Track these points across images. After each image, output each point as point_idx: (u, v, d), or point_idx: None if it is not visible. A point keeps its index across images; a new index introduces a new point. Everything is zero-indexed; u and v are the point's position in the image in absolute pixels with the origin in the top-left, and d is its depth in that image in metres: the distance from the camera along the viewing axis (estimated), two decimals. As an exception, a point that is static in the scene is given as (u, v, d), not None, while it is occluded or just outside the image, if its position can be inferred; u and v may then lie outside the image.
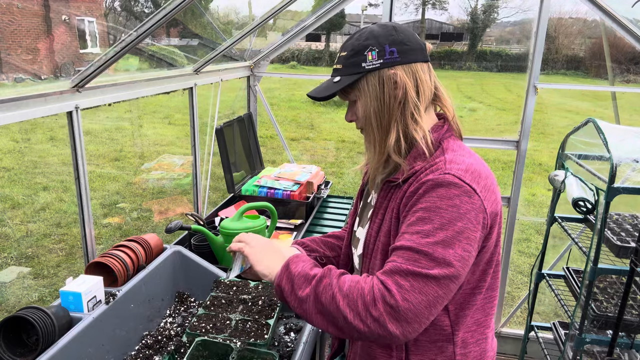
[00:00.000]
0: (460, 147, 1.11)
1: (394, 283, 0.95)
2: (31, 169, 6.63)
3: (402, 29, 1.09)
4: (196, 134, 2.59)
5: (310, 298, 1.01)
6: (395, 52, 1.06)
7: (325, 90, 1.12)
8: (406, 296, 0.93)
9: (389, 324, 0.93)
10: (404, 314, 0.92)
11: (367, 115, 1.10)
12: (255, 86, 3.18)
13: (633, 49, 2.49)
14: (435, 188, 0.99)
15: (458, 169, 1.01)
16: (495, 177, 1.10)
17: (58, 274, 4.04)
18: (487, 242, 1.05)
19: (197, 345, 1.23)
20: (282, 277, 1.07)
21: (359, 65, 1.08)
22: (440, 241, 0.95)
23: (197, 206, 2.73)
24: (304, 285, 1.03)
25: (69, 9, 10.07)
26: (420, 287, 0.94)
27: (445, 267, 0.94)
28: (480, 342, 1.13)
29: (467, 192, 0.98)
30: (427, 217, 0.98)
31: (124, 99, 1.95)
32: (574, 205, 2.13)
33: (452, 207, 0.97)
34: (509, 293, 3.82)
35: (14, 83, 6.92)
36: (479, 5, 26.83)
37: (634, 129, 2.12)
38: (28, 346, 1.23)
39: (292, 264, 1.08)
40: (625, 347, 2.10)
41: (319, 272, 1.04)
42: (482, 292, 1.10)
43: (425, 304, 0.93)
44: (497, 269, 1.13)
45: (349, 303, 0.96)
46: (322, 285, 1.01)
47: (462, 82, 18.75)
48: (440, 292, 0.95)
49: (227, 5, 3.60)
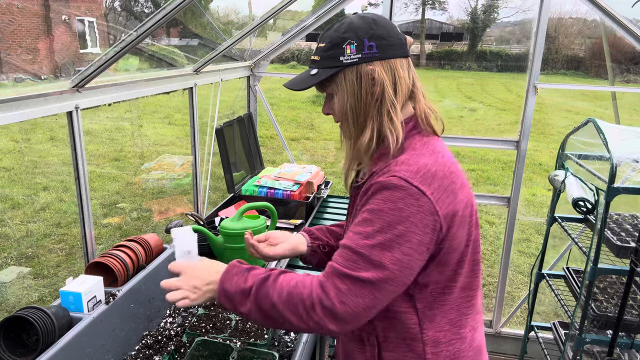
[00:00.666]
0: (424, 145, 1.07)
1: (332, 286, 0.98)
2: (31, 169, 6.63)
3: (382, 22, 1.07)
4: (196, 134, 2.59)
5: (253, 311, 1.04)
6: (374, 47, 1.04)
7: (302, 83, 1.10)
8: (343, 299, 0.96)
9: (329, 325, 0.98)
10: (342, 316, 0.97)
11: (343, 111, 1.09)
12: (255, 86, 3.18)
13: (633, 49, 2.49)
14: (380, 190, 0.99)
15: (407, 171, 0.99)
16: (462, 176, 1.07)
17: (58, 274, 4.04)
18: (447, 243, 1.02)
19: (197, 345, 1.23)
20: (220, 297, 1.09)
21: (337, 59, 1.05)
22: (378, 244, 0.97)
23: (197, 206, 2.73)
24: (243, 300, 1.06)
25: (69, 9, 10.08)
26: (356, 290, 0.96)
27: (380, 270, 0.96)
28: (454, 342, 1.11)
29: (413, 194, 0.97)
30: (369, 219, 0.99)
31: (124, 99, 1.95)
32: (574, 205, 2.13)
33: (394, 210, 0.97)
34: (509, 293, 3.82)
35: (14, 83, 6.93)
36: (479, 5, 26.83)
37: (634, 129, 2.12)
38: (28, 346, 1.23)
39: (226, 284, 1.09)
40: (625, 347, 2.10)
41: (254, 283, 1.06)
42: (454, 292, 1.09)
43: (363, 306, 0.97)
44: (474, 268, 1.11)
45: (290, 309, 1.00)
46: (261, 297, 1.04)
47: (462, 82, 18.74)
48: (377, 295, 0.97)
49: (227, 5, 3.61)
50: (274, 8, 2.61)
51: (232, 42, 2.69)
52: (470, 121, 11.60)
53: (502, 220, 5.44)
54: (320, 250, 1.38)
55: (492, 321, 3.05)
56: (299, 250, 1.38)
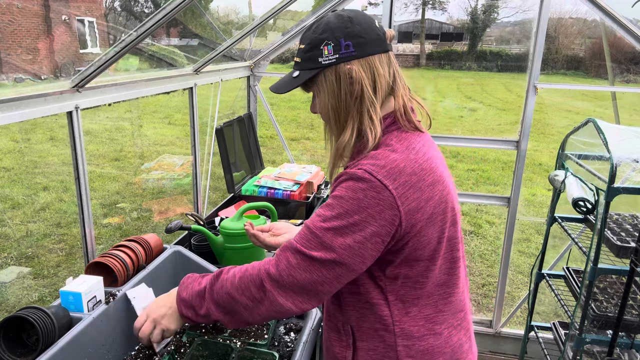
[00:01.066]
0: (400, 141, 1.07)
1: (284, 259, 1.04)
2: (31, 169, 6.63)
3: (358, 19, 1.06)
4: (196, 134, 2.59)
5: (212, 308, 1.09)
6: (350, 46, 1.04)
7: (285, 85, 1.12)
8: (291, 272, 1.02)
9: (278, 297, 1.03)
10: (289, 286, 1.02)
11: (325, 111, 1.11)
12: (255, 86, 3.18)
13: (633, 49, 2.49)
14: (346, 180, 1.02)
15: (373, 165, 1.01)
16: (437, 173, 1.06)
17: (58, 274, 4.04)
18: (413, 239, 1.03)
19: (197, 345, 1.23)
20: (181, 308, 1.14)
21: (316, 60, 1.06)
22: (332, 228, 1.01)
23: (197, 206, 2.73)
24: (201, 302, 1.11)
25: (69, 9, 10.08)
26: (305, 266, 1.02)
27: (328, 252, 1.00)
28: (427, 337, 1.11)
29: (375, 187, 0.99)
30: (331, 204, 1.03)
31: (124, 99, 1.95)
32: (574, 205, 2.13)
33: (353, 199, 1.00)
34: (509, 293, 3.82)
35: (14, 83, 6.93)
36: (479, 5, 26.82)
37: (634, 129, 2.12)
38: (28, 346, 1.23)
39: (183, 293, 1.15)
40: (625, 347, 2.10)
41: (207, 282, 1.12)
42: (427, 287, 1.09)
43: (310, 281, 1.01)
44: (453, 266, 1.12)
45: (244, 292, 1.06)
46: (215, 291, 1.09)
47: (462, 82, 18.74)
48: (326, 273, 1.01)
49: (227, 5, 3.61)
50: (274, 8, 2.61)
51: (232, 42, 2.69)
52: (470, 121, 11.60)
53: (502, 220, 5.44)
54: None
55: (492, 321, 3.05)
56: None
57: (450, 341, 1.14)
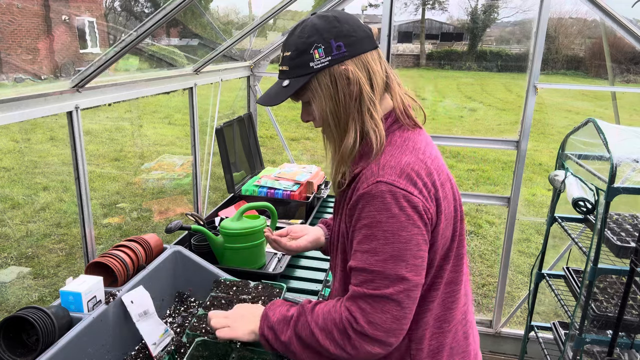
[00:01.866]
0: (405, 141, 1.04)
1: (357, 309, 0.98)
2: (31, 169, 6.63)
3: (344, 18, 1.03)
4: (196, 134, 2.59)
5: (293, 339, 1.05)
6: (342, 46, 1.00)
7: (276, 97, 1.06)
8: (370, 319, 0.96)
9: (366, 346, 0.97)
10: (373, 335, 0.96)
11: (324, 116, 1.06)
12: (255, 86, 3.18)
13: (633, 49, 2.49)
14: (370, 201, 0.96)
15: (391, 174, 0.97)
16: (444, 172, 1.06)
17: (58, 274, 4.04)
18: (436, 239, 1.02)
19: (197, 345, 1.23)
20: (263, 328, 1.10)
21: (307, 66, 1.01)
22: (390, 257, 0.95)
23: (197, 206, 2.73)
24: (284, 328, 1.07)
25: (69, 9, 10.08)
26: (381, 307, 0.96)
27: (399, 282, 0.95)
28: (437, 335, 1.11)
29: (405, 197, 0.95)
30: (371, 235, 0.97)
31: (124, 99, 1.95)
32: (574, 205, 2.13)
33: (391, 217, 0.95)
34: (509, 293, 3.82)
35: (14, 83, 6.92)
36: (479, 5, 26.82)
37: (634, 129, 2.12)
38: (28, 346, 1.22)
39: (269, 313, 1.11)
40: (625, 347, 2.10)
41: (295, 313, 1.08)
42: (440, 288, 1.09)
43: (392, 320, 0.96)
44: (459, 262, 1.11)
45: (327, 336, 1.00)
46: (300, 324, 1.05)
47: (462, 82, 18.74)
48: (403, 305, 0.96)
49: (227, 5, 3.60)
50: (274, 8, 2.61)
51: (232, 42, 2.69)
52: (470, 121, 11.60)
53: (502, 220, 5.44)
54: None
55: (492, 321, 3.05)
56: (320, 242, 1.40)
57: (457, 336, 1.15)
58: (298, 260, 2.01)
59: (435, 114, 12.07)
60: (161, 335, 1.41)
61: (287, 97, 1.05)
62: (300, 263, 1.99)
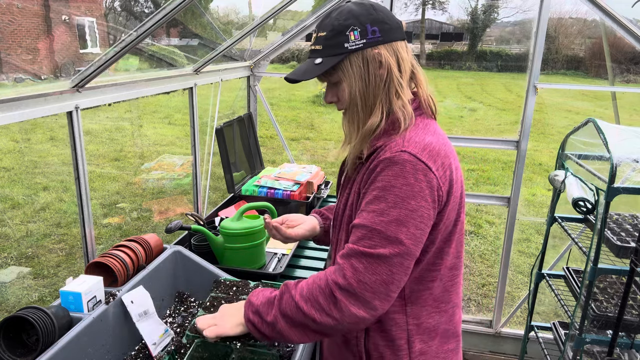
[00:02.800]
0: (426, 125, 1.11)
1: (349, 266, 1.00)
2: (31, 169, 6.63)
3: (380, 7, 1.09)
4: (196, 134, 2.59)
5: (279, 318, 1.05)
6: (377, 31, 1.06)
7: (307, 74, 1.09)
8: (360, 278, 0.98)
9: (350, 307, 0.98)
10: (360, 294, 0.98)
11: (352, 97, 1.10)
12: (255, 86, 3.18)
13: (633, 49, 2.49)
14: (390, 166, 1.01)
15: (415, 147, 1.02)
16: (456, 158, 1.12)
17: (58, 274, 4.04)
18: (442, 219, 1.06)
19: (196, 346, 1.23)
20: (248, 313, 1.11)
21: (342, 46, 1.06)
22: (394, 219, 0.99)
23: (197, 206, 2.73)
24: (269, 309, 1.08)
25: (69, 9, 10.08)
26: (373, 267, 0.98)
27: (396, 245, 0.98)
28: (434, 314, 1.16)
29: (423, 169, 1.00)
30: (382, 196, 1.00)
31: (124, 99, 1.95)
32: (574, 205, 2.13)
33: (405, 185, 0.99)
34: (509, 293, 3.82)
35: (14, 83, 6.92)
36: (479, 5, 26.82)
37: (634, 129, 2.12)
38: (28, 346, 1.22)
39: (253, 298, 1.13)
40: (625, 347, 2.10)
41: (277, 293, 1.09)
42: (440, 270, 1.13)
43: (380, 282, 0.98)
44: (460, 249, 1.16)
45: (312, 305, 1.02)
46: (284, 301, 1.06)
47: (462, 82, 18.74)
48: (394, 270, 0.99)
49: (227, 5, 3.61)
50: (274, 8, 2.61)
51: (232, 42, 2.69)
52: (470, 121, 11.60)
53: (502, 220, 5.44)
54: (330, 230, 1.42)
55: (492, 321, 3.05)
56: (316, 231, 1.44)
57: (453, 320, 1.21)
58: (298, 260, 2.01)
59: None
60: (161, 335, 1.41)
61: (319, 74, 1.08)
62: (300, 263, 1.99)
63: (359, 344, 1.18)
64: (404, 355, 1.16)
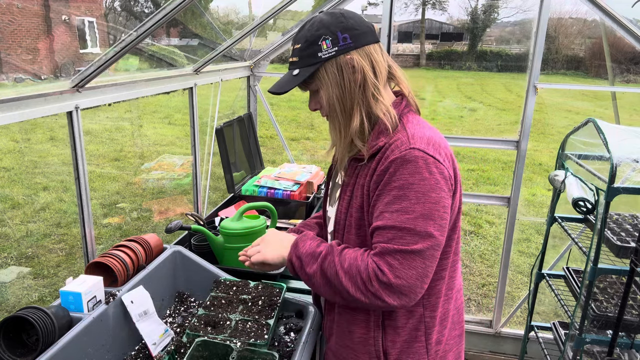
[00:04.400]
0: (419, 121, 1.16)
1: (385, 264, 1.04)
2: (31, 169, 6.63)
3: (349, 14, 1.13)
4: (196, 134, 2.59)
5: (317, 274, 1.12)
6: (348, 38, 1.10)
7: (287, 85, 1.15)
8: (397, 274, 1.03)
9: (386, 298, 1.04)
10: (398, 289, 1.03)
11: (330, 103, 1.14)
12: (255, 86, 3.18)
13: (633, 49, 2.49)
14: (404, 165, 1.05)
15: (421, 142, 1.07)
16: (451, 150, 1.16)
17: (58, 274, 4.04)
18: (454, 206, 1.12)
19: (197, 345, 1.23)
20: (292, 255, 1.19)
21: (316, 56, 1.11)
22: (420, 215, 1.03)
23: (197, 206, 2.73)
24: (311, 262, 1.14)
25: (69, 9, 10.08)
26: (408, 263, 1.03)
27: (427, 239, 1.03)
28: (445, 303, 1.22)
29: (433, 162, 1.05)
30: (402, 195, 1.04)
31: (124, 99, 1.95)
32: (574, 205, 2.13)
33: (423, 180, 1.03)
34: (509, 293, 3.82)
35: (14, 83, 6.92)
36: (479, 5, 26.81)
37: (634, 129, 2.12)
38: (28, 346, 1.23)
39: (300, 243, 1.19)
40: (625, 347, 2.10)
41: (323, 250, 1.15)
42: (450, 257, 1.18)
43: (416, 276, 1.03)
44: (459, 233, 1.21)
45: (350, 279, 1.07)
46: (327, 262, 1.11)
47: (462, 82, 18.74)
48: (428, 262, 1.05)
49: (227, 5, 3.60)
50: (274, 8, 2.61)
51: (232, 42, 2.69)
52: (470, 121, 11.60)
53: (502, 220, 5.44)
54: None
55: (492, 321, 3.05)
56: None
57: (457, 304, 1.26)
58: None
59: (435, 114, 12.07)
60: (161, 335, 1.41)
61: (296, 85, 1.14)
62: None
63: (377, 344, 1.19)
64: (421, 347, 1.18)
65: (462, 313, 1.30)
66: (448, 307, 1.22)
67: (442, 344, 1.22)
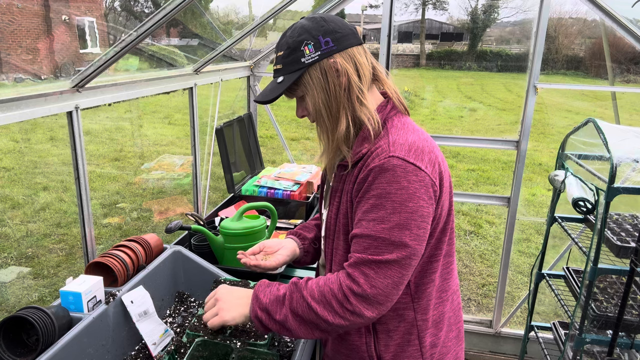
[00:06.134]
0: (405, 124, 1.13)
1: (360, 274, 1.03)
2: (31, 169, 6.63)
3: (330, 18, 1.12)
4: (196, 134, 2.59)
5: (289, 317, 1.08)
6: (330, 41, 1.09)
7: (272, 93, 1.13)
8: (373, 283, 1.02)
9: (365, 311, 1.03)
10: (375, 299, 1.02)
11: (317, 108, 1.13)
12: (255, 86, 3.18)
13: (633, 49, 2.49)
14: (382, 173, 1.03)
15: (401, 150, 1.04)
16: (439, 150, 1.14)
17: (58, 274, 4.04)
18: (438, 213, 1.09)
19: (197, 345, 1.23)
20: (255, 310, 1.12)
21: (299, 62, 1.10)
22: (396, 225, 1.02)
23: (197, 206, 2.73)
24: (279, 308, 1.09)
25: (69, 9, 10.08)
26: (384, 272, 1.02)
27: (403, 249, 1.02)
28: (438, 305, 1.20)
29: (413, 170, 1.03)
30: (379, 204, 1.03)
31: (124, 99, 1.95)
32: (574, 205, 2.13)
33: (400, 189, 1.02)
34: (509, 293, 3.82)
35: (14, 83, 6.92)
36: (479, 5, 26.80)
37: (634, 129, 2.12)
38: (28, 346, 1.23)
39: (260, 294, 1.13)
40: (625, 347, 2.10)
41: (287, 291, 1.11)
42: (440, 260, 1.16)
43: (392, 285, 1.03)
44: (452, 236, 1.19)
45: (325, 306, 1.04)
46: (295, 301, 1.08)
47: (462, 82, 18.74)
48: (403, 272, 1.04)
49: (227, 5, 3.60)
50: (274, 8, 2.61)
51: (232, 42, 2.69)
52: (470, 121, 11.60)
53: (502, 220, 5.44)
54: (312, 248, 1.43)
55: (492, 321, 3.05)
56: (296, 254, 1.41)
57: (453, 306, 1.25)
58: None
59: (435, 114, 12.07)
60: (161, 335, 1.41)
61: (282, 92, 1.13)
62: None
63: (369, 349, 1.18)
64: (415, 350, 1.17)
65: (459, 315, 1.29)
66: (442, 309, 1.21)
67: (438, 346, 1.20)
